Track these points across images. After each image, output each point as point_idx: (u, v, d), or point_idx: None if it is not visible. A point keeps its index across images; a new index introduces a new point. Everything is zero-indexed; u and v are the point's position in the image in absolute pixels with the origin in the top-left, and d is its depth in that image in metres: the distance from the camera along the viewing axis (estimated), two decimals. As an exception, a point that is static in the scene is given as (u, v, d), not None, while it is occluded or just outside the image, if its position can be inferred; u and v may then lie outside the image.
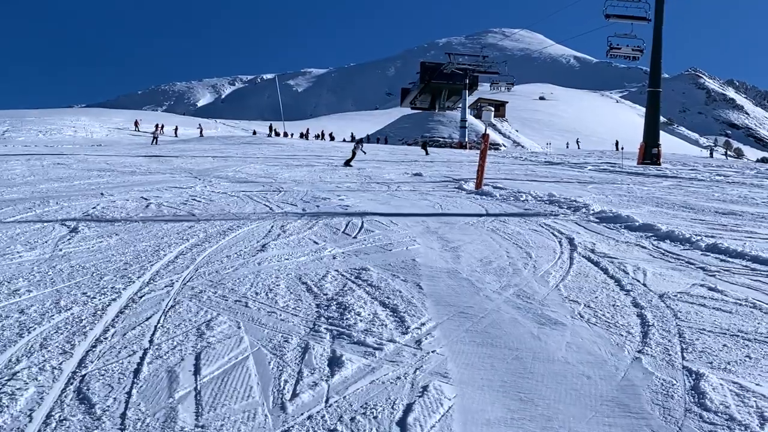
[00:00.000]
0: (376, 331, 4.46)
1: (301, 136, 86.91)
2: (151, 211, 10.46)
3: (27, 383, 3.49)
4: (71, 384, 3.50)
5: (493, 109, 60.45)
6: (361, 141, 31.78)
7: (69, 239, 7.78)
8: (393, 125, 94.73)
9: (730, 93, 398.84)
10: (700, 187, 19.77)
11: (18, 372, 3.64)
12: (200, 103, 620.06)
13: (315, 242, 7.91)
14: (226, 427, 3.03)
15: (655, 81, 46.85)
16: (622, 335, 4.47)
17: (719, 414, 3.23)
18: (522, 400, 3.40)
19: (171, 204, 11.34)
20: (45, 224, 8.86)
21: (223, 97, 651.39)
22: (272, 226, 9.03)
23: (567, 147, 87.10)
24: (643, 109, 47.56)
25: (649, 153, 43.75)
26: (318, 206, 11.52)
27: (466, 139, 77.08)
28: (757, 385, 3.60)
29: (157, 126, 76.44)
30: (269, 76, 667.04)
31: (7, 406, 3.20)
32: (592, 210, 11.09)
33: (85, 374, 3.63)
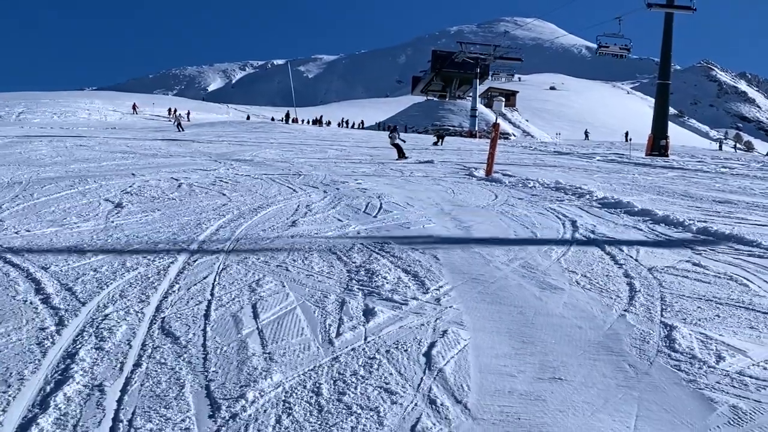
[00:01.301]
0: (401, 291, 5.22)
1: (315, 122, 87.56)
2: (183, 190, 11.23)
3: (119, 322, 4.27)
4: (154, 323, 4.28)
5: (503, 99, 60.93)
6: (395, 129, 26.20)
7: (117, 213, 8.58)
8: (403, 113, 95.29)
9: (742, 86, 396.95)
10: (704, 178, 20.36)
11: (109, 314, 4.43)
12: (210, 88, 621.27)
13: (339, 220, 8.69)
14: (288, 354, 3.81)
15: (664, 73, 47.27)
16: (612, 298, 5.23)
17: (684, 354, 3.98)
18: (524, 342, 4.16)
19: (201, 184, 12.12)
20: (91, 200, 9.66)
21: (233, 82, 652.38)
22: (298, 206, 9.80)
23: (586, 137, 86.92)
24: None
25: (658, 145, 44.19)
26: (338, 189, 12.28)
27: (476, 128, 77.60)
28: (720, 335, 4.35)
29: (170, 110, 77.19)
30: (280, 61, 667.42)
31: (108, 338, 3.98)
32: (596, 196, 11.81)
33: (164, 317, 4.41)
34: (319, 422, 3.00)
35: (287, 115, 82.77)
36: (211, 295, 4.97)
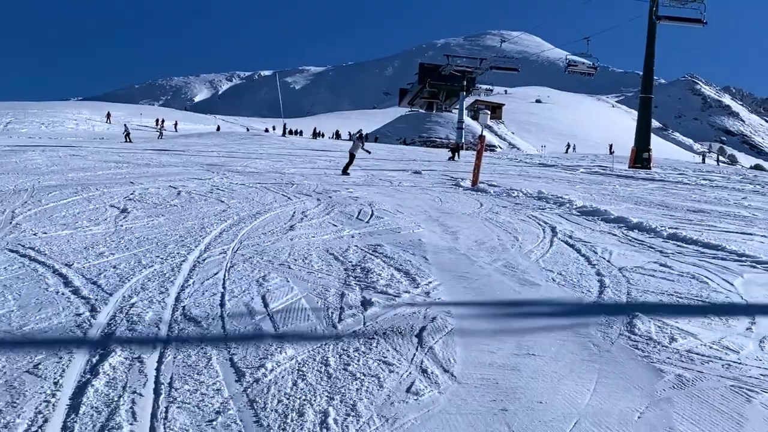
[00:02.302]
0: (394, 286, 5.79)
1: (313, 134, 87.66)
2: (183, 197, 11.75)
3: (145, 309, 4.82)
4: (177, 311, 4.83)
5: (489, 112, 61.94)
6: (363, 137, 23.58)
7: (124, 218, 9.10)
8: (390, 125, 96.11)
9: (726, 100, 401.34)
10: (683, 189, 21.08)
11: (134, 303, 4.97)
12: (197, 99, 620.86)
13: (334, 225, 9.25)
14: (299, 335, 4.37)
15: (647, 87, 48.18)
16: (583, 292, 5.82)
17: (642, 336, 4.57)
18: (503, 326, 4.75)
19: (199, 192, 12.65)
20: (97, 206, 10.18)
21: (220, 92, 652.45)
22: (294, 212, 10.36)
23: (567, 150, 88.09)
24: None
25: (641, 157, 44.99)
26: (330, 197, 12.84)
27: (463, 140, 78.41)
28: (675, 322, 4.94)
29: (157, 120, 77.50)
30: (267, 72, 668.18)
31: (138, 321, 4.53)
32: (575, 205, 12.45)
33: (184, 305, 4.96)
34: (329, 385, 3.57)
35: (284, 127, 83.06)
36: (224, 288, 5.52)
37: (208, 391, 3.44)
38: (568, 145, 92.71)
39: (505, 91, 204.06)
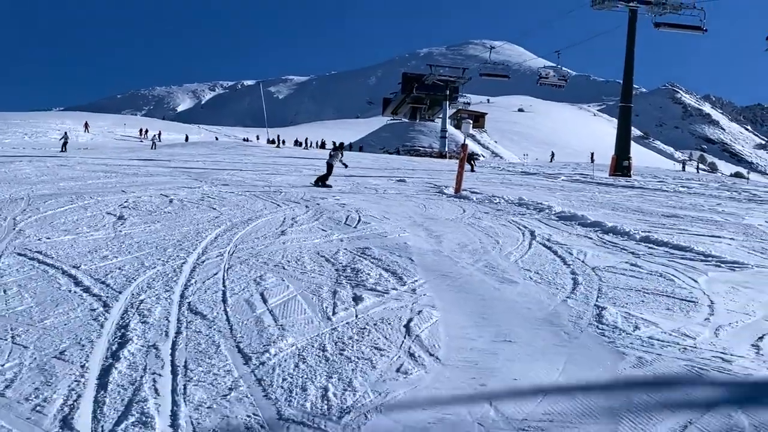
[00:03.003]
0: (383, 284, 6.24)
1: (297, 143, 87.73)
2: (175, 205, 12.12)
3: (153, 305, 5.22)
4: (183, 306, 5.24)
5: (471, 121, 63.02)
6: (340, 147, 21.76)
7: (122, 224, 9.48)
8: (374, 134, 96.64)
9: (707, 108, 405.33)
10: (660, 196, 21.70)
11: (143, 300, 5.37)
12: (180, 108, 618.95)
13: (323, 230, 9.68)
14: (296, 326, 4.79)
15: (626, 96, 49.11)
16: (557, 289, 6.29)
17: (608, 325, 5.04)
18: (483, 318, 5.20)
19: (190, 200, 13.02)
20: (94, 213, 10.53)
21: (203, 102, 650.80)
22: (284, 218, 10.77)
23: (552, 159, 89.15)
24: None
25: (621, 165, 45.77)
26: (318, 204, 13.26)
27: (446, 149, 79.10)
28: (640, 314, 5.42)
29: (141, 130, 77.54)
30: (250, 82, 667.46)
31: (149, 315, 4.93)
32: (554, 211, 12.96)
33: (189, 301, 5.37)
34: (327, 366, 4.00)
35: (278, 138, 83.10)
36: (224, 286, 5.94)
37: (220, 372, 3.85)
38: (553, 154, 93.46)
39: (488, 100, 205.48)
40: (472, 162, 38.48)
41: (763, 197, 22.81)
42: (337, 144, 22.75)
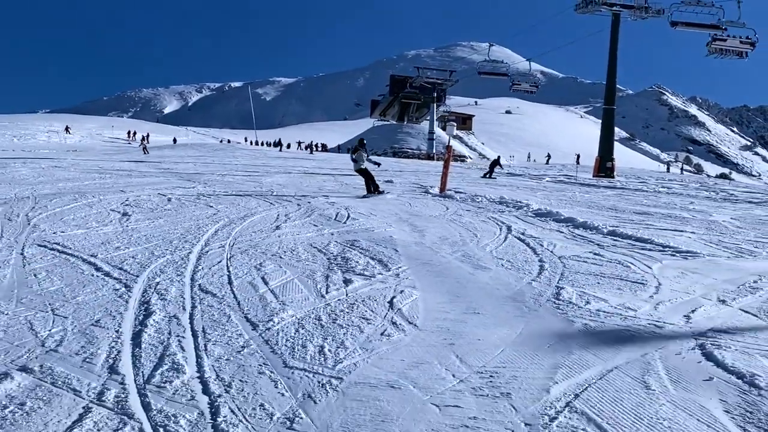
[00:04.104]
0: (370, 270, 7.01)
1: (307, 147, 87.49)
2: (174, 203, 12.83)
3: (169, 286, 5.97)
4: (194, 287, 5.99)
5: (455, 124, 64.53)
6: (361, 145, 17.91)
7: (126, 220, 10.20)
8: (363, 136, 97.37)
9: (693, 110, 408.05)
10: (639, 196, 22.56)
11: (159, 282, 6.12)
12: (167, 110, 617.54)
13: (315, 225, 10.44)
14: (294, 302, 5.56)
15: (609, 99, 50.24)
16: (525, 274, 7.09)
17: (564, 301, 5.84)
18: (457, 296, 5.98)
19: (187, 199, 13.74)
20: (99, 210, 11.24)
21: (190, 104, 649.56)
22: (278, 215, 11.52)
23: (533, 160, 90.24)
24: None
25: (604, 166, 46.80)
26: (309, 202, 14.02)
27: (434, 151, 79.96)
28: (594, 293, 6.21)
29: (128, 133, 77.96)
30: (237, 84, 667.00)
31: (166, 294, 5.68)
32: (532, 208, 13.78)
33: (199, 284, 6.12)
34: (323, 331, 4.77)
35: (279, 142, 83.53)
36: (228, 271, 6.69)
37: (233, 335, 4.62)
38: (549, 156, 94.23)
39: (476, 102, 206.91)
40: (492, 168, 34.71)
41: (738, 197, 23.76)
42: (356, 143, 18.39)
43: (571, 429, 3.25)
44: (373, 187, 16.86)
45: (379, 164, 16.69)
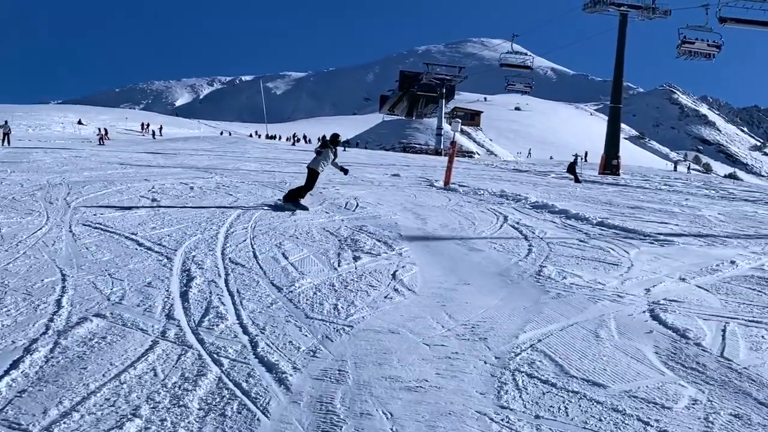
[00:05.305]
0: (376, 249, 7.96)
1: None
2: (196, 191, 13.82)
3: (204, 258, 6.94)
4: (225, 259, 6.96)
5: (460, 120, 65.91)
6: (333, 142, 12.99)
7: (157, 206, 11.17)
8: (371, 131, 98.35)
9: (703, 109, 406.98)
10: (638, 193, 23.40)
11: (194, 255, 7.08)
12: (178, 103, 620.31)
13: (327, 212, 11.41)
14: (312, 273, 6.52)
15: (616, 97, 51.03)
16: (514, 255, 8.03)
17: (544, 276, 6.78)
18: (452, 271, 6.93)
19: (208, 187, 14.73)
20: (130, 197, 12.24)
21: (201, 97, 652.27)
22: (293, 203, 12.46)
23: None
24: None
25: (610, 164, 47.60)
26: (321, 193, 14.97)
27: (442, 147, 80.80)
28: (572, 271, 7.14)
29: (143, 125, 78.98)
30: (248, 77, 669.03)
31: (202, 264, 6.64)
32: (529, 201, 14.71)
33: (230, 257, 7.09)
34: (336, 294, 5.73)
35: (294, 136, 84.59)
36: (253, 248, 7.66)
37: (262, 295, 5.58)
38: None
39: (485, 98, 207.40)
40: (574, 171, 31.91)
41: (736, 195, 24.58)
42: (328, 137, 13.34)
43: (530, 361, 4.20)
44: (293, 197, 12.03)
45: (346, 171, 13.15)
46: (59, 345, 4.17)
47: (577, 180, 30.04)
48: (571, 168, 32.27)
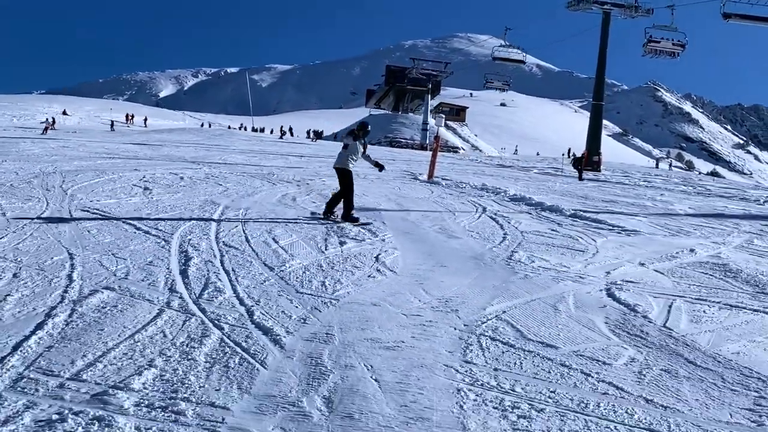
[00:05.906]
0: (361, 236, 8.51)
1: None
2: (186, 181, 14.29)
3: (199, 241, 7.45)
4: (219, 242, 7.47)
5: (443, 116, 66.89)
6: (361, 131, 11.08)
7: (149, 193, 11.65)
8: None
9: (687, 107, 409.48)
10: (616, 188, 24.04)
11: (190, 239, 7.59)
12: (162, 94, 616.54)
13: (314, 202, 11.93)
14: (300, 255, 7.05)
15: (598, 95, 51.80)
16: (489, 242, 8.61)
17: (514, 260, 7.35)
18: (430, 256, 7.49)
19: (198, 178, 15.19)
20: (123, 185, 12.69)
21: (185, 88, 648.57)
22: (281, 194, 12.99)
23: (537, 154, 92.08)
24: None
25: (591, 160, 48.33)
26: (308, 184, 15.51)
27: (427, 141, 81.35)
28: (540, 256, 7.72)
29: (127, 116, 78.90)
30: (233, 69, 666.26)
31: (198, 246, 7.16)
32: (508, 194, 15.30)
33: (223, 241, 7.61)
34: (323, 273, 6.27)
35: (289, 129, 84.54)
36: (245, 233, 8.18)
37: (256, 274, 6.11)
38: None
39: (471, 94, 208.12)
40: (581, 167, 31.27)
41: (712, 191, 25.29)
42: (356, 127, 11.42)
43: (494, 327, 4.78)
44: (344, 209, 9.90)
45: (382, 167, 10.96)
46: (76, 311, 4.68)
47: (580, 177, 29.67)
48: (578, 162, 31.75)
